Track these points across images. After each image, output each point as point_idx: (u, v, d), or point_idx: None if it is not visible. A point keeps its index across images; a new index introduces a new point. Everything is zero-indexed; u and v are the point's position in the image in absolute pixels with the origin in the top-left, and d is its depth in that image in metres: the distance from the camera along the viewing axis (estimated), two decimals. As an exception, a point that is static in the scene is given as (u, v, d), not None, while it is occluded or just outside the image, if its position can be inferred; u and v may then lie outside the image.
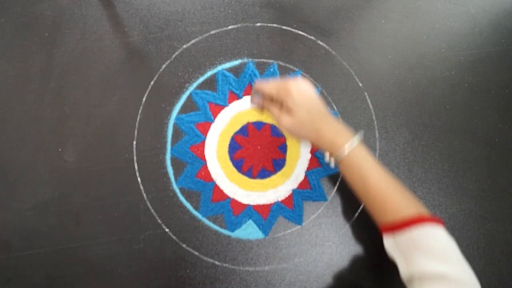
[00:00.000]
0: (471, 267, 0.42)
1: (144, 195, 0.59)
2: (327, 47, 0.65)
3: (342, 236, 0.59)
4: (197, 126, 0.61)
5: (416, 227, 0.43)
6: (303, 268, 0.58)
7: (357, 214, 0.60)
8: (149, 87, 0.62)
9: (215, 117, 0.62)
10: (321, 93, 0.63)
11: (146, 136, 0.60)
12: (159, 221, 0.58)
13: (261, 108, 0.54)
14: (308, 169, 0.61)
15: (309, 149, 0.61)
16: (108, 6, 0.65)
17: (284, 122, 0.49)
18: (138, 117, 0.61)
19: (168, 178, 0.59)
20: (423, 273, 0.42)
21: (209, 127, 0.61)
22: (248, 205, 0.59)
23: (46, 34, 0.64)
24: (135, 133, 0.61)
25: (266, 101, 0.52)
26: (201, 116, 0.62)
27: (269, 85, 0.50)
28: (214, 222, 0.59)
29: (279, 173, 0.61)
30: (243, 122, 0.62)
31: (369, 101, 0.63)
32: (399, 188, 0.47)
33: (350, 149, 0.47)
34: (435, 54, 0.66)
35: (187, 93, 0.62)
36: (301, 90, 0.48)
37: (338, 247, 0.59)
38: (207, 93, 0.62)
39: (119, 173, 0.59)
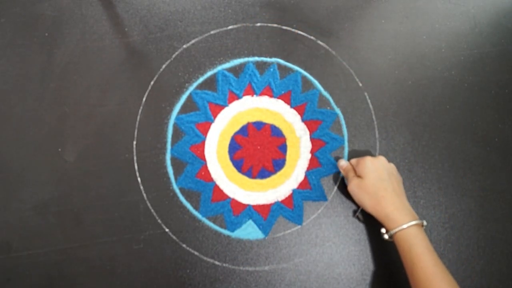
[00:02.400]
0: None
1: (144, 195, 0.59)
2: (327, 47, 0.65)
3: (342, 236, 0.59)
4: (197, 126, 0.61)
5: None
6: (303, 268, 0.58)
7: (357, 213, 0.60)
8: (149, 87, 0.62)
9: (215, 117, 0.62)
10: (321, 94, 0.63)
11: (146, 136, 0.60)
12: (159, 221, 0.58)
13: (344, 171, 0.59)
14: (308, 169, 0.61)
15: (309, 149, 0.62)
16: (108, 6, 0.65)
17: (354, 182, 0.55)
18: (138, 117, 0.61)
19: (168, 178, 0.59)
20: None
21: (209, 127, 0.61)
22: (248, 205, 0.59)
23: (46, 34, 0.64)
24: (135, 133, 0.61)
25: (348, 167, 0.58)
26: (201, 116, 0.62)
27: (354, 159, 0.58)
28: (214, 222, 0.59)
29: (279, 173, 0.61)
30: (243, 122, 0.62)
31: (369, 101, 0.63)
32: (445, 280, 0.47)
33: (404, 228, 0.49)
34: (435, 54, 0.66)
35: (187, 93, 0.62)
36: (375, 162, 0.54)
37: (338, 247, 0.59)
38: (207, 93, 0.62)
39: (119, 173, 0.59)
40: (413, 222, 0.49)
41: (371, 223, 0.60)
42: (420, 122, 0.63)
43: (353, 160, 0.57)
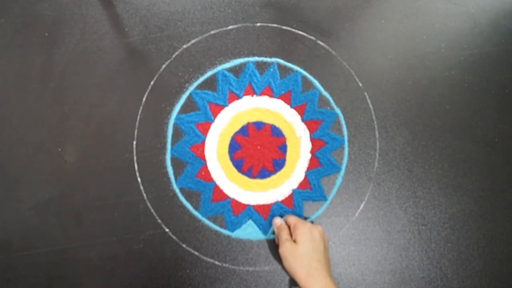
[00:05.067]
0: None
1: (144, 195, 0.59)
2: (327, 47, 0.65)
3: (342, 236, 0.59)
4: (197, 126, 0.61)
5: None
6: (303, 268, 0.58)
7: (357, 214, 0.60)
8: (149, 87, 0.62)
9: (215, 117, 0.62)
10: (321, 94, 0.63)
11: (146, 136, 0.60)
12: (159, 221, 0.58)
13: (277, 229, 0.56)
14: (308, 169, 0.61)
15: (309, 149, 0.62)
16: (108, 6, 0.65)
17: (287, 245, 0.51)
18: (138, 117, 0.61)
19: (168, 178, 0.59)
20: None
21: (209, 127, 0.61)
22: (248, 205, 0.59)
23: (46, 34, 0.64)
24: (135, 133, 0.61)
25: (282, 225, 0.55)
26: (201, 116, 0.62)
27: (292, 217, 0.55)
28: (214, 222, 0.59)
29: (279, 173, 0.61)
30: (243, 122, 0.62)
31: (369, 101, 0.63)
32: None
33: None
34: (435, 54, 0.66)
35: (187, 93, 0.62)
36: (314, 231, 0.52)
37: (338, 247, 0.59)
38: (207, 93, 0.62)
39: (119, 173, 0.59)
40: None
41: (372, 224, 0.60)
42: (420, 122, 0.63)
43: (292, 219, 0.54)
